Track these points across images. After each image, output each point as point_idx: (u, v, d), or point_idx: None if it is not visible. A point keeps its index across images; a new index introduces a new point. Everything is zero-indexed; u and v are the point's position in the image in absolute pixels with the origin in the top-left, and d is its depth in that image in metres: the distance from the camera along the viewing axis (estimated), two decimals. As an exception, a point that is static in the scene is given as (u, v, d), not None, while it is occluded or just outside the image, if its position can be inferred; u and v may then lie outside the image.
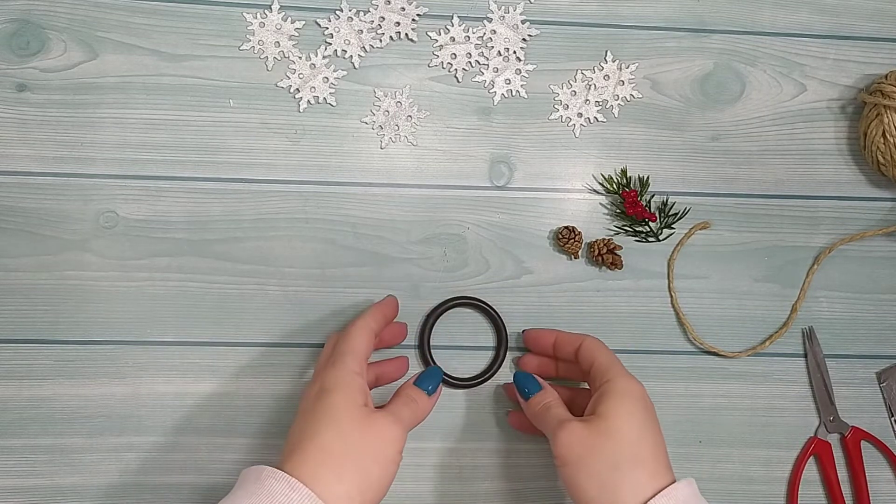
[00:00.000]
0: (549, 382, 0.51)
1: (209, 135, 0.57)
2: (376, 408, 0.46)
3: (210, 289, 0.56)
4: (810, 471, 0.58)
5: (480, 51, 0.59)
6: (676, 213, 0.59)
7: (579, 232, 0.57)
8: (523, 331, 0.55)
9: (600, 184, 0.59)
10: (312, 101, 0.58)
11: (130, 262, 0.55)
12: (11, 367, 0.54)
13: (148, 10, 0.57)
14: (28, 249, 0.55)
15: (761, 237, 0.59)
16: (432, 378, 0.50)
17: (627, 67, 0.60)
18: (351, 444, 0.43)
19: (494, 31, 0.59)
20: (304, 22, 0.58)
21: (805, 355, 0.59)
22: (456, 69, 0.59)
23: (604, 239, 0.58)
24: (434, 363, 0.55)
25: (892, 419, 0.58)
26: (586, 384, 0.51)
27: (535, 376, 0.51)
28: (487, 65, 0.59)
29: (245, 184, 0.57)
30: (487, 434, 0.56)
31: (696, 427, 0.57)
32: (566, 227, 0.57)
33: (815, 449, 0.57)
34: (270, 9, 0.58)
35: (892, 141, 0.56)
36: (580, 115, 0.59)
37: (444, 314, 0.56)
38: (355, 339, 0.47)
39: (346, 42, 0.58)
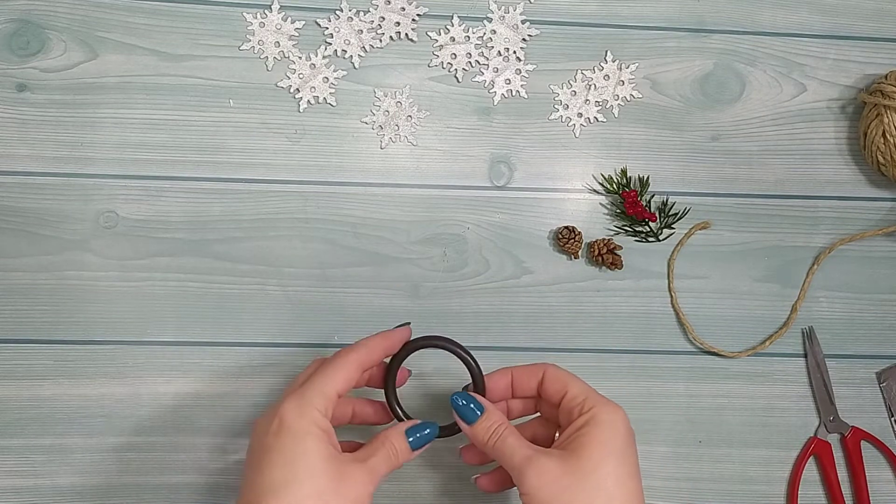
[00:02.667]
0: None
1: (209, 135, 0.57)
2: (344, 451, 0.41)
3: (210, 289, 0.56)
4: (810, 471, 0.58)
5: (480, 51, 0.59)
6: (676, 213, 0.59)
7: (579, 232, 0.57)
8: (464, 394, 0.46)
9: (600, 184, 0.59)
10: (312, 101, 0.58)
11: (130, 262, 0.55)
12: (11, 367, 0.54)
13: (148, 10, 0.57)
14: (28, 249, 0.55)
15: (761, 237, 0.59)
16: (425, 435, 0.44)
17: (627, 67, 0.60)
18: (326, 501, 0.38)
19: (494, 31, 0.59)
20: (304, 22, 0.58)
21: (805, 355, 0.59)
22: (456, 69, 0.59)
23: (604, 239, 0.58)
24: (405, 415, 0.47)
25: (892, 419, 0.58)
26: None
27: (475, 395, 0.45)
28: (487, 65, 0.59)
29: (245, 184, 0.57)
30: (487, 434, 0.56)
31: (696, 427, 0.57)
32: (566, 227, 0.57)
33: (815, 449, 0.57)
34: (270, 9, 0.58)
35: (892, 141, 0.56)
36: (580, 115, 0.59)
37: (411, 356, 0.48)
38: (334, 376, 0.41)
39: (346, 42, 0.58)
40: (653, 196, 0.59)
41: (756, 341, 0.58)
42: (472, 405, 0.44)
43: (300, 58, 0.58)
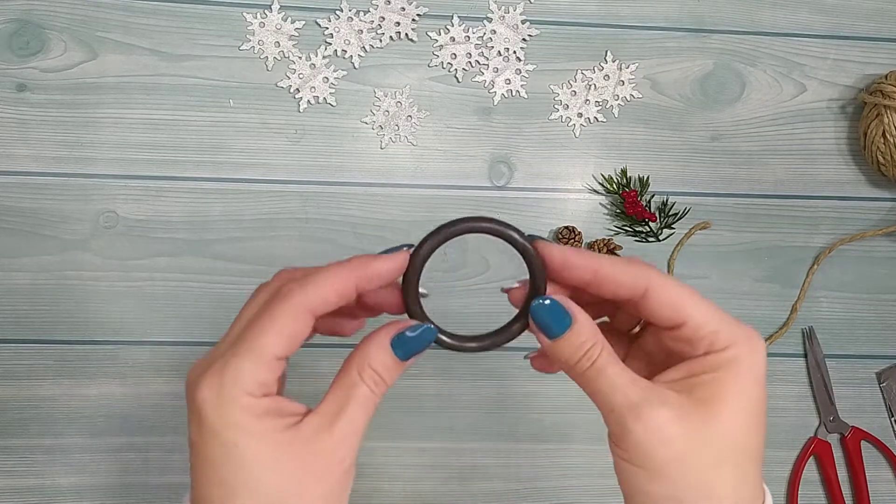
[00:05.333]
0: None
1: (209, 135, 0.57)
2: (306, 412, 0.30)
3: (210, 289, 0.56)
4: (810, 471, 0.58)
5: (480, 51, 0.59)
6: (676, 214, 0.59)
7: (579, 232, 0.57)
8: (532, 243, 0.32)
9: (600, 184, 0.59)
10: (312, 101, 0.58)
11: (130, 262, 0.55)
12: (12, 367, 0.54)
13: (148, 10, 0.57)
14: (28, 249, 0.55)
15: (761, 237, 0.59)
16: (417, 340, 0.31)
17: (627, 67, 0.60)
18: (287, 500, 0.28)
19: (494, 31, 0.59)
20: (303, 22, 0.58)
21: (805, 355, 0.59)
22: (456, 69, 0.59)
23: (604, 239, 0.58)
24: (425, 317, 0.33)
25: (892, 419, 0.58)
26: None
27: (564, 301, 0.31)
28: (487, 65, 0.59)
29: (245, 184, 0.57)
30: (487, 434, 0.56)
31: (696, 427, 0.57)
32: (566, 227, 0.57)
33: (815, 449, 0.57)
34: (270, 9, 0.58)
35: (892, 141, 0.56)
36: (580, 115, 0.59)
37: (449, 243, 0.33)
38: (272, 330, 0.29)
39: (346, 42, 0.58)
40: (653, 196, 0.59)
41: (756, 341, 0.58)
42: (558, 310, 0.30)
43: (300, 58, 0.58)
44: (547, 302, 0.31)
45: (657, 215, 0.58)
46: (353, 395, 0.29)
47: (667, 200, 0.59)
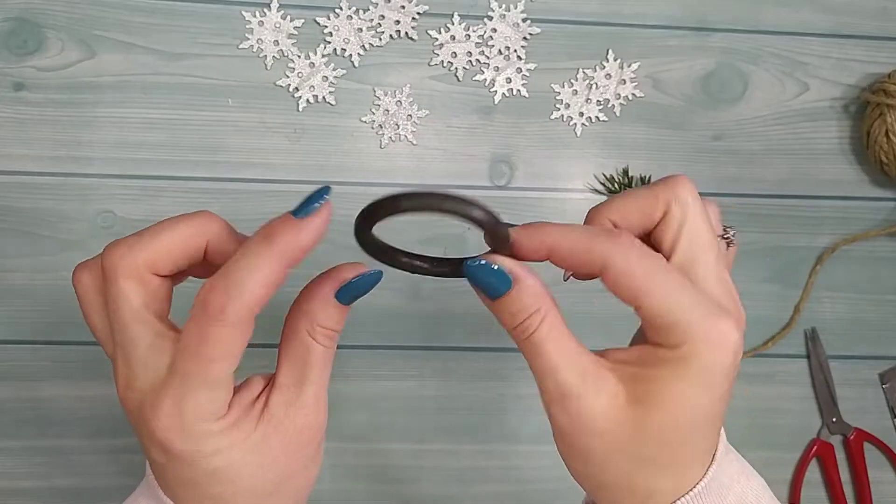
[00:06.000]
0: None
1: (208, 134, 0.56)
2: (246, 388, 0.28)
3: (209, 289, 0.55)
4: (813, 472, 0.57)
5: (481, 49, 0.59)
6: (678, 213, 0.58)
7: (580, 232, 0.57)
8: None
9: (602, 183, 0.58)
10: (311, 100, 0.57)
11: (129, 262, 0.55)
12: (9, 368, 0.54)
13: (146, 9, 0.57)
14: (26, 249, 0.55)
15: (764, 237, 0.59)
16: (363, 283, 0.29)
17: (629, 66, 0.59)
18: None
19: (495, 30, 0.59)
20: (303, 20, 0.58)
21: (808, 356, 0.58)
22: (456, 68, 0.58)
23: (605, 239, 0.57)
24: (386, 249, 0.31)
25: (895, 420, 0.58)
26: None
27: (504, 262, 0.29)
28: (488, 63, 0.59)
29: (244, 183, 0.56)
30: (487, 436, 0.56)
31: (697, 428, 0.57)
32: (567, 228, 0.57)
33: (818, 450, 0.57)
34: (269, 7, 0.57)
35: (895, 140, 0.56)
36: (581, 114, 0.59)
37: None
38: (221, 354, 0.25)
39: (346, 41, 0.58)
40: (654, 196, 0.59)
41: (758, 342, 0.58)
42: (493, 272, 0.28)
43: (299, 56, 0.57)
44: (483, 263, 0.29)
45: (659, 215, 0.58)
46: (310, 359, 0.28)
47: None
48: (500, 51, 0.59)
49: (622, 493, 0.28)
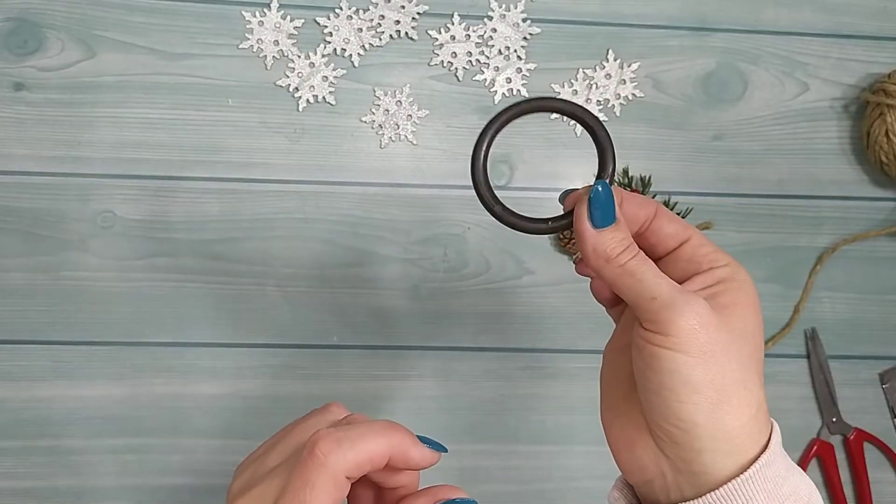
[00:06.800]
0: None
1: (207, 134, 0.56)
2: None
3: (208, 289, 0.55)
4: (813, 472, 0.57)
5: (481, 49, 0.59)
6: (678, 213, 0.58)
7: (580, 232, 0.57)
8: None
9: (601, 183, 0.58)
10: (311, 100, 0.57)
11: (128, 262, 0.55)
12: (9, 368, 0.54)
13: (146, 9, 0.57)
14: (25, 249, 0.55)
15: (764, 237, 0.59)
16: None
17: (629, 66, 0.59)
18: None
19: (495, 30, 0.59)
20: (303, 20, 0.58)
21: (808, 356, 0.58)
22: (456, 68, 0.58)
23: (605, 239, 0.57)
24: (495, 201, 0.36)
25: (895, 420, 0.58)
26: None
27: (617, 196, 0.32)
28: (488, 63, 0.59)
29: (244, 183, 0.56)
30: (488, 436, 0.56)
31: (697, 428, 0.57)
32: (567, 227, 0.57)
33: (818, 450, 0.57)
34: (269, 7, 0.57)
35: (895, 140, 0.56)
36: (581, 114, 0.59)
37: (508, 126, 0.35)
38: None
39: (346, 40, 0.58)
40: (655, 196, 0.59)
41: (758, 342, 0.58)
42: (611, 202, 0.32)
43: (299, 56, 0.57)
44: (605, 191, 0.32)
45: (659, 215, 0.58)
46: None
47: (669, 200, 0.58)
48: (500, 51, 0.59)
49: (737, 389, 0.30)
